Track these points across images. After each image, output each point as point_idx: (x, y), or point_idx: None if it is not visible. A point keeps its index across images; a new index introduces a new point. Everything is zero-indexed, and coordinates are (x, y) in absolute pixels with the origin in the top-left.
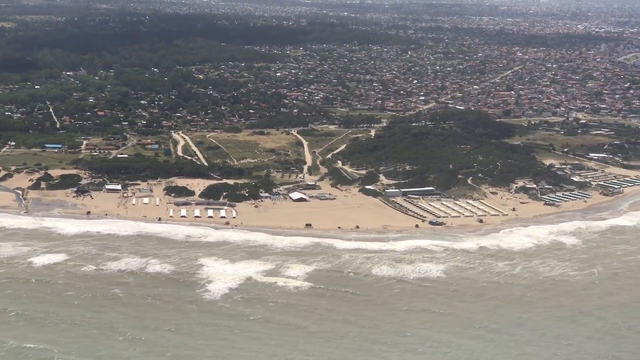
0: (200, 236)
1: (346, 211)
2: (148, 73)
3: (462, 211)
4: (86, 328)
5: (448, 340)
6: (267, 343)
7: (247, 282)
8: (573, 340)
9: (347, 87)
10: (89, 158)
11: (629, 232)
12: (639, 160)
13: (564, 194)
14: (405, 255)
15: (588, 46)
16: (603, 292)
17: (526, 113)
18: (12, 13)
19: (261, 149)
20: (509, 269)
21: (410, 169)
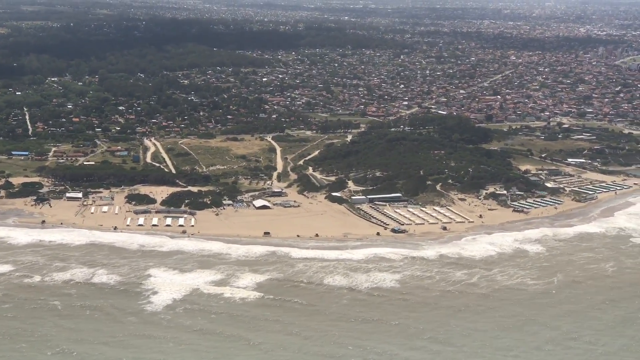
0: (154, 245)
1: (309, 219)
2: (133, 79)
3: (427, 218)
4: (17, 341)
5: (391, 351)
6: (204, 356)
7: (192, 293)
8: (519, 350)
9: (331, 92)
10: (54, 165)
11: (596, 239)
12: (618, 165)
13: (535, 201)
14: (361, 264)
15: (586, 49)
16: (559, 301)
17: (509, 118)
18: (9, 19)
19: (232, 155)
20: (467, 278)
21: (380, 175)
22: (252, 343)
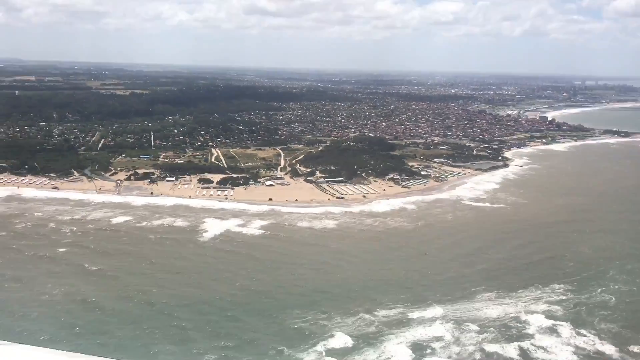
0: (209, 206)
1: (293, 191)
2: (212, 117)
3: (355, 191)
4: (128, 257)
5: (326, 261)
6: (228, 264)
7: (226, 231)
8: (395, 260)
9: (315, 124)
10: (161, 163)
11: (444, 201)
12: (461, 162)
13: (414, 181)
14: (318, 215)
15: (453, 101)
16: (420, 234)
17: (406, 138)
18: (151, 86)
19: (258, 158)
20: (372, 222)
21: (334, 168)
22: (254, 256)
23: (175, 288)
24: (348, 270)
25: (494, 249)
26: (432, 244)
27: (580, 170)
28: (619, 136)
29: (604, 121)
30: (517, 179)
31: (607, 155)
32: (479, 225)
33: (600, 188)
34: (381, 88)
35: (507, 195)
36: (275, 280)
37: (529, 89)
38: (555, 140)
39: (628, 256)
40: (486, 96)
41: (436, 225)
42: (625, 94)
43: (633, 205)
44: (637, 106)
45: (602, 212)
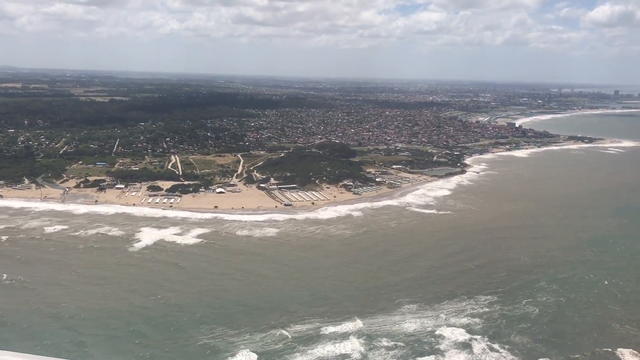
0: (151, 214)
1: (242, 198)
2: (182, 124)
3: (306, 198)
4: (54, 266)
5: (256, 270)
6: (150, 273)
7: (160, 240)
8: (324, 267)
9: (284, 131)
10: (115, 170)
11: (392, 208)
12: (418, 168)
13: (367, 188)
14: (261, 223)
15: (427, 108)
16: (358, 241)
17: (370, 143)
18: (133, 92)
19: (216, 164)
20: (314, 230)
21: (289, 174)
22: (182, 266)
23: (89, 300)
24: (275, 280)
25: (427, 256)
26: (368, 251)
27: (536, 176)
28: (582, 142)
29: (571, 127)
30: (470, 185)
31: (566, 161)
32: (420, 232)
33: (551, 193)
34: (362, 95)
35: (457, 201)
36: (198, 291)
37: (505, 96)
38: (518, 146)
39: (563, 264)
40: (462, 103)
41: (377, 232)
42: (598, 101)
43: (579, 211)
44: (606, 113)
45: (547, 218)
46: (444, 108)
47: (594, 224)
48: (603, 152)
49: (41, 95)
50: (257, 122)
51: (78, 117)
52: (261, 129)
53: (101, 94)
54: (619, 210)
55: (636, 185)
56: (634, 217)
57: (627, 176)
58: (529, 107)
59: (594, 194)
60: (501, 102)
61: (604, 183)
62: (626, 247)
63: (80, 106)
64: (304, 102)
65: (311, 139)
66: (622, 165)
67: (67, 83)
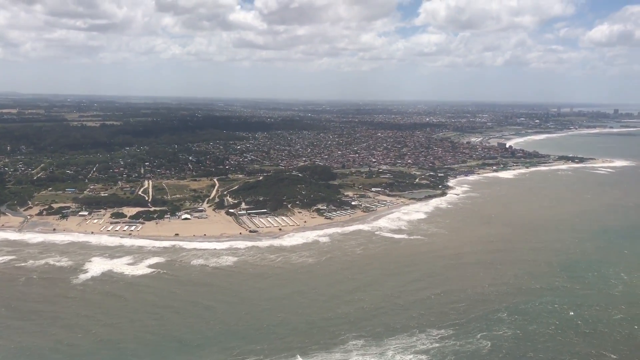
0: (108, 243)
1: (207, 225)
2: (168, 147)
3: (274, 223)
4: None
5: (200, 302)
6: (91, 308)
7: (109, 271)
8: (274, 298)
9: (269, 153)
10: (83, 197)
11: (362, 233)
12: (398, 191)
13: (341, 212)
14: (220, 251)
15: (422, 129)
16: (318, 269)
17: (354, 166)
18: (128, 117)
19: (189, 189)
20: (274, 258)
21: (262, 199)
22: (125, 298)
23: (11, 337)
24: (220, 313)
25: (387, 283)
26: (326, 279)
27: (518, 198)
28: (573, 162)
29: (564, 147)
30: (448, 209)
31: (552, 182)
32: (385, 258)
33: (529, 216)
34: (359, 117)
35: (430, 225)
36: (135, 326)
37: (503, 116)
38: (506, 167)
39: (528, 292)
40: (458, 124)
41: (341, 259)
42: (596, 121)
43: (555, 234)
44: (603, 132)
45: (520, 242)
46: (438, 129)
47: (568, 248)
48: (592, 172)
49: (34, 121)
50: (243, 145)
51: (62, 142)
52: (246, 151)
53: (95, 119)
54: (596, 233)
55: (619, 206)
56: (611, 240)
57: (611, 197)
58: (525, 127)
59: (574, 216)
60: (497, 123)
61: (586, 204)
62: (598, 273)
63: (69, 131)
64: (297, 125)
65: (295, 161)
66: (609, 186)
67: (65, 108)
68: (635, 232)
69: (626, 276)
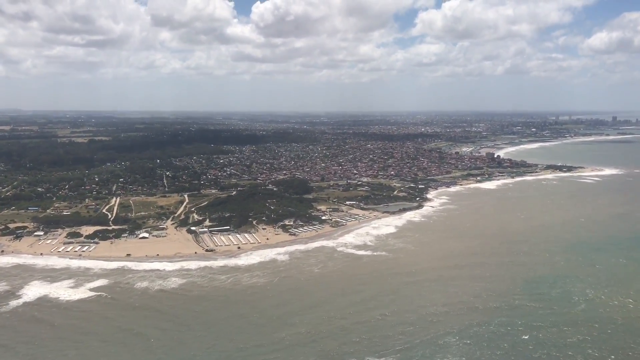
0: (55, 265)
1: (164, 244)
2: (150, 163)
3: (234, 241)
4: None
5: (130, 329)
6: (14, 337)
7: (44, 296)
8: (213, 321)
9: (250, 167)
10: (43, 216)
11: (324, 250)
12: (373, 204)
13: (308, 227)
14: (168, 272)
15: (413, 140)
16: (269, 290)
17: (334, 178)
18: (120, 132)
19: (156, 206)
20: (225, 279)
21: (228, 215)
22: (54, 324)
23: None
24: (147, 342)
25: (333, 304)
26: (271, 301)
27: (496, 209)
28: (560, 171)
29: (555, 156)
30: (421, 222)
31: (535, 192)
32: (340, 276)
33: (504, 228)
34: (354, 128)
35: (398, 240)
36: (52, 356)
37: (499, 125)
38: (491, 177)
39: (483, 313)
40: (452, 134)
41: (294, 278)
42: (594, 128)
43: (526, 247)
44: (599, 139)
45: (488, 256)
46: (431, 139)
47: (537, 263)
48: (578, 182)
49: (24, 138)
50: (227, 158)
51: (43, 159)
52: (228, 165)
53: (86, 134)
54: (570, 246)
55: (599, 217)
56: (584, 254)
57: (593, 207)
58: (521, 136)
59: (550, 227)
60: (493, 132)
61: (565, 215)
62: (563, 290)
63: (54, 148)
64: (289, 137)
65: (275, 174)
66: (592, 195)
67: (59, 124)
68: (611, 245)
69: (591, 293)
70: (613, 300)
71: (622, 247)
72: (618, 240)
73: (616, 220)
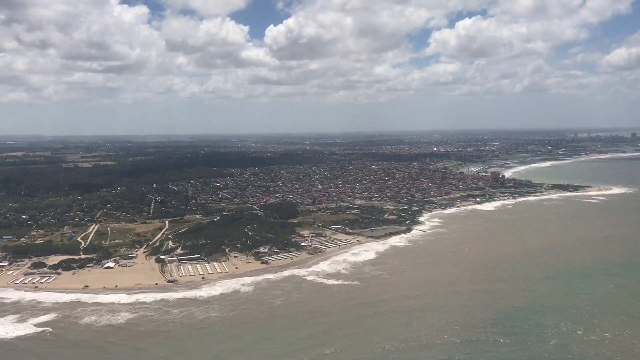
0: (6, 297)
1: (127, 274)
2: (145, 188)
3: (201, 271)
4: None
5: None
6: None
7: None
8: None
9: (242, 190)
10: (13, 245)
11: (293, 279)
12: (359, 229)
13: (283, 255)
14: (122, 306)
15: (422, 159)
16: (215, 325)
17: (325, 201)
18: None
19: (133, 233)
20: (177, 313)
21: (202, 242)
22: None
23: None
24: None
25: (282, 340)
26: (215, 337)
27: (487, 232)
28: (566, 191)
29: (566, 175)
30: (405, 247)
31: (533, 214)
32: (300, 309)
33: (489, 254)
34: (365, 148)
35: (375, 268)
36: None
37: (514, 143)
38: (492, 198)
39: (442, 350)
40: (464, 153)
41: (251, 311)
42: (612, 145)
43: (507, 274)
44: (614, 157)
45: (464, 285)
46: (440, 159)
47: (517, 291)
48: (582, 202)
49: (30, 163)
50: (224, 181)
51: (38, 186)
52: (224, 188)
53: (95, 159)
54: (557, 273)
55: (595, 240)
56: (569, 281)
57: (591, 229)
58: (534, 154)
59: (540, 252)
60: (506, 151)
61: (559, 238)
62: (538, 323)
63: (55, 173)
64: (296, 159)
65: (267, 198)
66: (593, 217)
67: (73, 149)
68: (601, 270)
69: (566, 326)
70: (590, 335)
71: (613, 273)
72: (610, 265)
73: (611, 244)
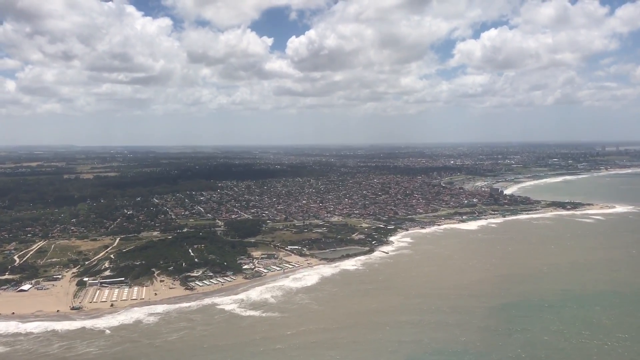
0: None
1: (36, 299)
2: (126, 200)
3: (118, 296)
4: None
5: None
6: None
7: None
8: None
9: (220, 205)
10: None
11: (209, 310)
12: (317, 249)
13: (216, 280)
14: (1, 337)
15: (429, 173)
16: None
17: (298, 217)
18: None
19: (75, 251)
20: (55, 348)
21: (138, 263)
22: None
23: None
24: None
25: None
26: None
27: (458, 255)
28: (564, 209)
29: (574, 191)
30: (357, 271)
31: (518, 235)
32: (192, 345)
33: (445, 282)
34: (381, 161)
35: (308, 296)
36: None
37: (536, 157)
38: (480, 216)
39: None
40: (478, 166)
41: (137, 346)
42: (639, 159)
43: (448, 307)
44: (636, 172)
45: (396, 315)
46: (449, 172)
47: (448, 326)
48: (575, 221)
49: (34, 174)
50: (209, 195)
51: (22, 198)
52: (203, 202)
53: (106, 170)
54: (500, 307)
55: (566, 266)
56: (519, 316)
57: (569, 253)
58: (553, 168)
59: (498, 280)
60: (524, 164)
61: (532, 263)
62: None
63: (49, 185)
64: (301, 171)
65: (239, 214)
66: (581, 238)
67: (91, 160)
68: (562, 302)
69: None
70: None
71: (575, 306)
72: (573, 296)
73: (586, 270)
